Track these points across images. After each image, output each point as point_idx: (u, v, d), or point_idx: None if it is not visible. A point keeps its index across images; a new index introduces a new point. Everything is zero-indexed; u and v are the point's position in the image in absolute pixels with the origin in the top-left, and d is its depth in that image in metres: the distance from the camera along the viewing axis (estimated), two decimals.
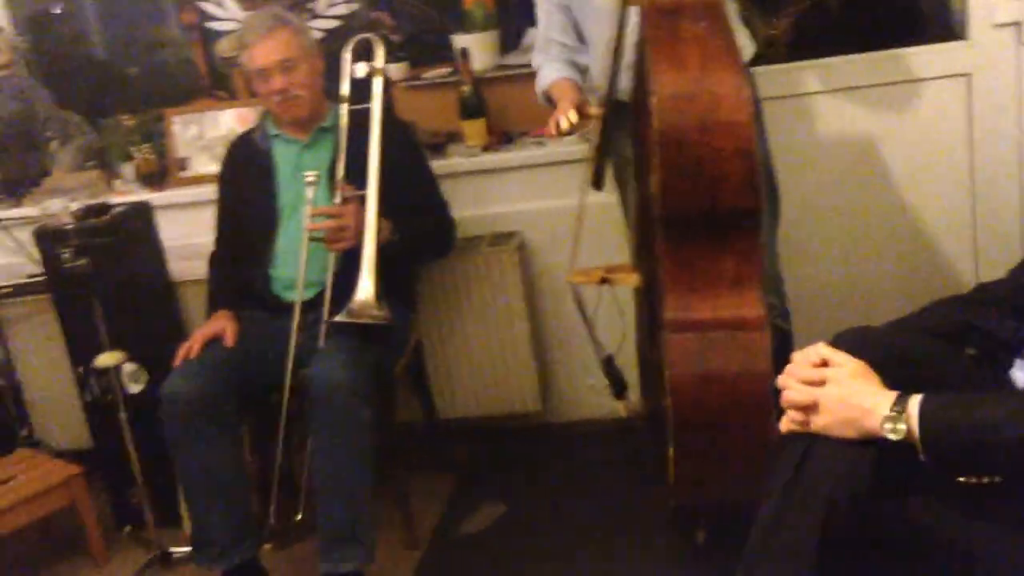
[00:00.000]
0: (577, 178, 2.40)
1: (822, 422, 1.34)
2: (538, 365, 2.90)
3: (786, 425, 1.40)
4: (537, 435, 2.97)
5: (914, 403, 1.26)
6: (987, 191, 2.68)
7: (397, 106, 2.92)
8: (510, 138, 2.94)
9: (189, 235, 2.84)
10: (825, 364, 1.38)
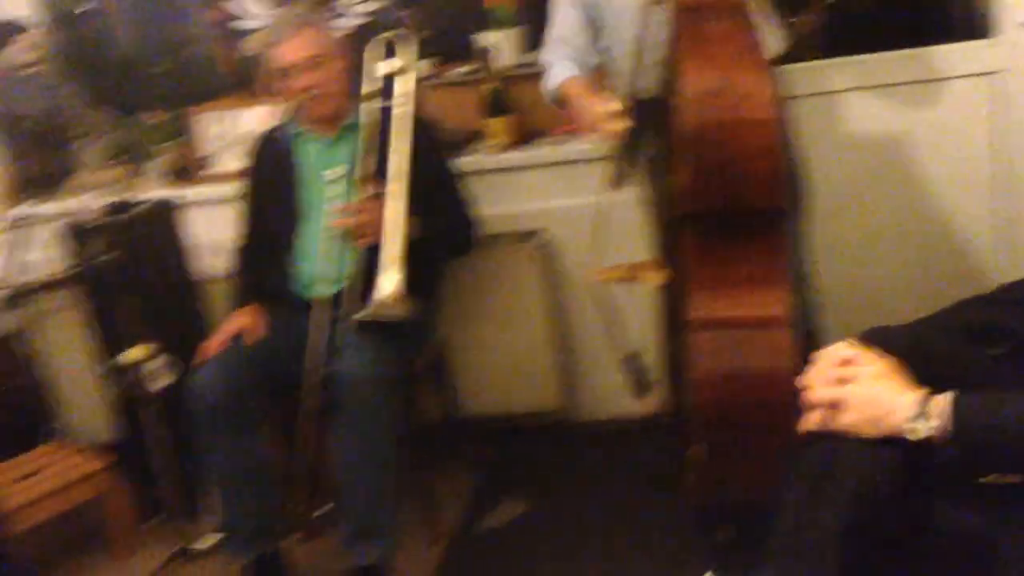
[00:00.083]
0: (600, 176, 2.40)
1: (846, 421, 1.34)
2: (560, 363, 2.90)
3: (808, 424, 1.40)
4: (559, 433, 2.97)
5: (944, 401, 1.26)
6: (1012, 190, 2.66)
7: (420, 104, 2.93)
8: (533, 136, 2.94)
9: (213, 232, 2.86)
10: (848, 363, 1.38)
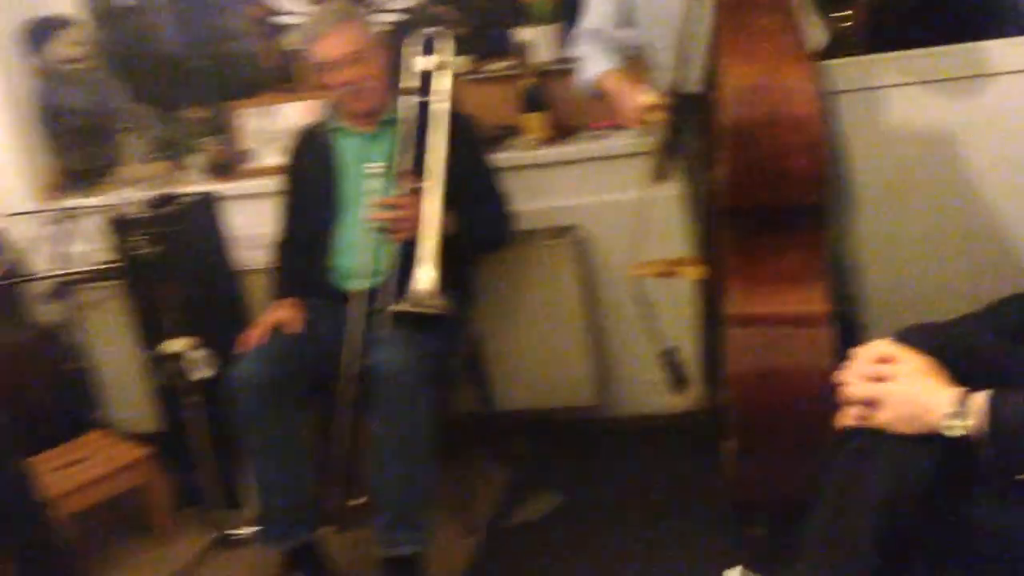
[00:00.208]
0: (636, 172, 2.39)
1: (884, 418, 1.33)
2: (595, 359, 2.90)
3: (845, 420, 1.40)
4: (593, 429, 2.97)
5: (982, 398, 1.26)
6: None
7: (458, 99, 2.94)
8: (569, 132, 2.94)
9: (253, 225, 2.89)
10: (886, 360, 1.37)
